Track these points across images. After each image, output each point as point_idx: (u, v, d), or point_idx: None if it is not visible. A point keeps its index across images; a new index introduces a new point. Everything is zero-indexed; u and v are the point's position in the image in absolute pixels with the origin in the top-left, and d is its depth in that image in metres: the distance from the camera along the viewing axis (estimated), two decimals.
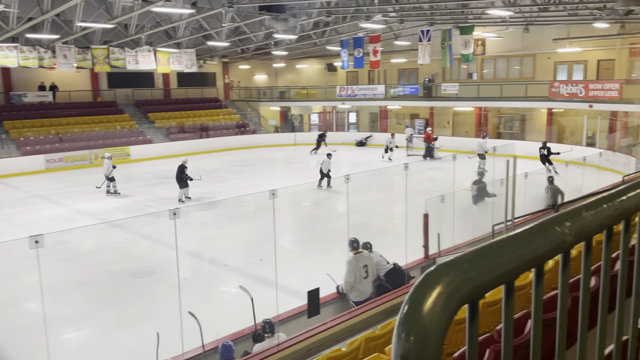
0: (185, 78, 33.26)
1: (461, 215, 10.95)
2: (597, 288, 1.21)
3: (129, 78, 31.02)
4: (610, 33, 23.02)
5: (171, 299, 7.21)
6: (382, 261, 8.65)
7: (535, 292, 0.93)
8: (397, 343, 0.67)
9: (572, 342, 1.19)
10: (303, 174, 21.66)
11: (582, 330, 1.05)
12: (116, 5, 16.97)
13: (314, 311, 7.24)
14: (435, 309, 0.67)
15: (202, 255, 12.00)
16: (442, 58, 23.15)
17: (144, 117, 30.88)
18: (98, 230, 13.88)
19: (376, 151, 26.18)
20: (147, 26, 21.67)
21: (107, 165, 18.08)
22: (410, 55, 29.90)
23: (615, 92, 21.74)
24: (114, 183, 18.00)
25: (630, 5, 12.41)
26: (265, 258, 9.20)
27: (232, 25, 21.01)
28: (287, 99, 35.17)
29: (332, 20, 22.44)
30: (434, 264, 0.77)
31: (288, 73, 38.37)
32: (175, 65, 25.94)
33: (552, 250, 0.87)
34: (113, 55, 23.64)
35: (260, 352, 6.22)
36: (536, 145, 24.27)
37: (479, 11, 20.39)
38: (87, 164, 24.69)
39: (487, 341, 3.23)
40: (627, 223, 1.11)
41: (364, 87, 31.98)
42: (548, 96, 24.26)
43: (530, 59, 27.43)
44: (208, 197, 17.12)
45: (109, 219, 14.37)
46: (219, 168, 23.29)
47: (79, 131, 27.23)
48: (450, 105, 29.06)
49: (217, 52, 30.09)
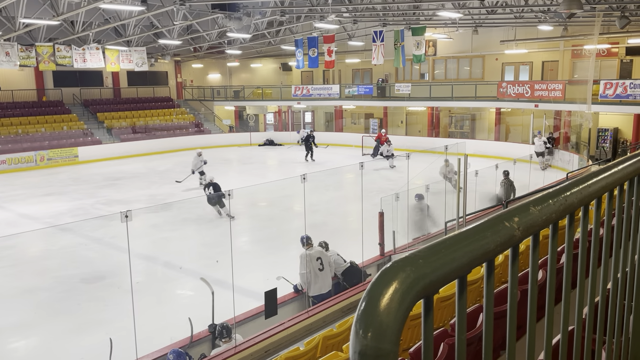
0: (136, 77, 32.41)
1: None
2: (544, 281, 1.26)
3: (76, 77, 29.98)
4: (554, 35, 24.01)
5: (124, 304, 7.02)
6: (339, 260, 8.73)
7: (487, 286, 0.96)
8: (355, 340, 0.67)
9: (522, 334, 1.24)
10: (259, 174, 21.52)
11: (531, 322, 1.08)
12: (62, 2, 16.36)
13: (271, 312, 7.22)
14: (391, 304, 0.68)
15: (156, 258, 11.72)
16: (395, 58, 23.51)
17: (92, 117, 29.88)
18: (45, 235, 13.33)
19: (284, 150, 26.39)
20: (95, 23, 20.99)
21: (196, 161, 18.16)
22: (364, 56, 30.23)
23: (559, 92, 22.67)
24: (204, 177, 17.41)
25: (572, 9, 12.98)
26: (222, 260, 9.09)
27: (184, 23, 20.64)
28: (242, 98, 34.84)
29: (286, 19, 22.40)
30: (389, 261, 0.78)
31: (242, 72, 38.01)
32: (125, 64, 25.25)
33: (501, 245, 0.90)
34: (59, 53, 22.78)
35: (217, 355, 6.15)
36: (486, 143, 25.06)
37: (430, 13, 20.85)
38: (33, 166, 23.68)
39: (442, 335, 3.31)
40: (571, 218, 1.16)
41: (319, 87, 32.08)
42: (496, 96, 25.05)
43: (479, 60, 28.24)
44: (162, 199, 16.75)
45: (56, 222, 13.83)
46: (172, 169, 22.81)
47: (23, 132, 26.07)
48: (403, 105, 29.55)
49: (169, 51, 29.48)
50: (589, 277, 1.36)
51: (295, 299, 8.34)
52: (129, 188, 18.90)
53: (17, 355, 7.79)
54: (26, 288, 9.96)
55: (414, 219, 11.21)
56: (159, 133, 29.85)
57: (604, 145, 22.66)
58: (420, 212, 11.32)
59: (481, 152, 21.66)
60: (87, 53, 23.44)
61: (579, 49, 24.30)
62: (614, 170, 1.31)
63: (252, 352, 6.36)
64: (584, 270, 1.29)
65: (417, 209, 11.31)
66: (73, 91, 30.46)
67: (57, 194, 17.37)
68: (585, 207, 1.24)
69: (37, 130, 26.56)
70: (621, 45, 23.24)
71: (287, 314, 7.67)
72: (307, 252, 8.09)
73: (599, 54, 22.78)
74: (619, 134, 22.87)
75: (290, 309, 8.07)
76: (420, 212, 11.34)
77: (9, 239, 11.63)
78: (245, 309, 7.67)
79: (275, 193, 17.35)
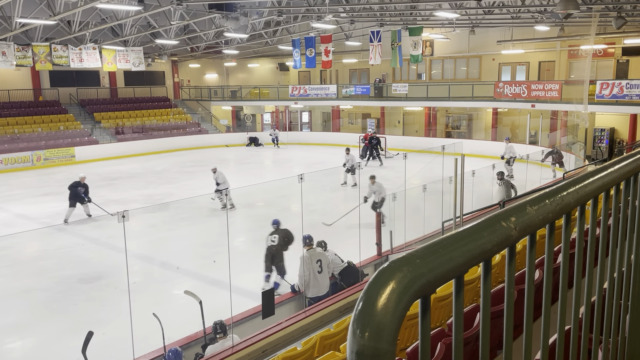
0: (133, 77, 32.34)
1: (412, 213, 11.16)
2: (541, 280, 1.26)
3: (73, 77, 29.92)
4: (550, 36, 24.06)
5: (121, 304, 7.01)
6: (336, 260, 8.74)
7: (484, 286, 0.96)
8: (352, 339, 0.67)
9: (519, 333, 1.24)
10: (256, 174, 21.50)
11: (528, 321, 1.09)
12: (58, 1, 16.31)
13: (268, 312, 7.22)
14: (389, 304, 0.68)
15: (153, 258, 11.71)
16: (392, 59, 23.53)
17: (89, 117, 29.81)
18: (42, 235, 13.29)
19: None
20: (91, 23, 20.93)
21: (351, 159, 18.56)
22: (361, 56, 30.23)
23: (556, 92, 22.73)
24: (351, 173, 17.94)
25: (569, 9, 13.00)
26: (219, 260, 9.08)
27: (181, 23, 20.60)
28: (239, 98, 34.82)
29: (283, 19, 22.38)
30: (386, 261, 0.78)
31: (240, 72, 37.98)
32: (122, 64, 25.19)
33: (498, 244, 0.90)
34: (56, 52, 22.71)
35: (213, 355, 6.14)
36: (482, 143, 25.09)
37: (427, 13, 20.87)
38: (29, 166, 23.62)
39: (439, 335, 3.31)
40: (567, 218, 1.17)
41: (316, 87, 32.08)
42: (493, 96, 25.09)
43: (476, 60, 28.29)
44: (159, 199, 16.72)
45: (53, 223, 13.79)
46: (169, 169, 22.79)
47: (19, 132, 25.99)
48: (400, 105, 29.57)
49: (166, 51, 29.44)
50: (585, 276, 1.36)
51: (293, 299, 8.34)
52: (125, 188, 18.87)
53: (14, 355, 7.77)
54: (23, 288, 9.93)
55: (501, 194, 12.92)
56: (156, 133, 29.81)
57: (601, 145, 22.72)
58: (505, 188, 13.12)
59: (478, 152, 21.70)
60: (83, 53, 23.39)
61: (576, 49, 24.36)
62: (611, 170, 1.31)
63: (250, 352, 6.36)
64: (581, 270, 1.29)
65: (502, 186, 13.13)
66: (70, 91, 30.38)
67: (53, 194, 17.32)
68: (582, 207, 1.24)
69: (33, 130, 26.49)
70: (617, 46, 23.31)
71: (285, 314, 7.67)
72: (308, 253, 8.08)
73: (596, 54, 22.84)
74: (616, 134, 22.95)
75: (287, 309, 8.08)
76: (505, 188, 13.14)
77: (6, 239, 11.60)
78: (243, 309, 7.67)
79: (272, 193, 17.34)
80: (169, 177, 20.79)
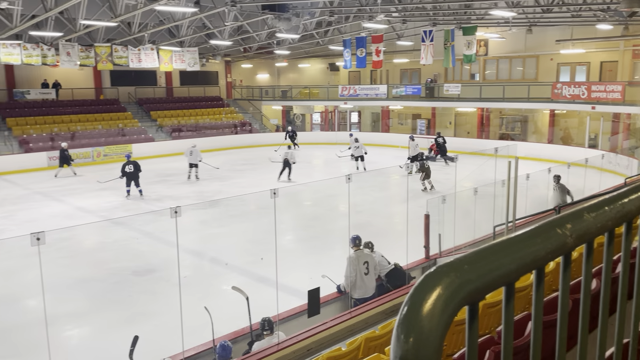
0: (188, 76, 33.28)
1: (462, 216, 10.94)
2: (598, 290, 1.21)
3: (132, 76, 31.06)
4: (613, 35, 22.97)
5: (172, 297, 7.21)
6: (383, 261, 8.67)
7: (536, 294, 0.93)
8: (396, 344, 0.66)
9: (573, 345, 1.19)
10: (305, 174, 21.65)
11: (583, 333, 1.04)
12: (119, 3, 16.99)
13: (314, 311, 7.24)
14: (434, 310, 0.67)
15: (203, 253, 12.00)
16: (444, 59, 23.13)
17: (146, 116, 30.91)
18: (100, 228, 13.89)
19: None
20: (150, 24, 21.70)
21: (414, 147, 19.89)
22: (412, 56, 29.89)
23: (618, 94, 21.70)
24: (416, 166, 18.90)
25: (634, 7, 12.38)
26: (266, 257, 9.20)
27: (234, 24, 21.01)
28: (289, 98, 35.17)
29: (334, 20, 22.43)
30: (434, 265, 0.76)
31: (290, 72, 38.36)
32: (178, 64, 25.96)
33: (553, 252, 0.87)
34: (116, 53, 23.67)
35: (259, 351, 6.22)
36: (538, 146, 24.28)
37: (482, 12, 20.37)
38: (90, 162, 24.71)
39: (488, 342, 3.23)
40: (628, 225, 1.11)
41: (366, 87, 31.96)
42: (550, 97, 24.22)
43: (532, 60, 27.39)
44: (209, 196, 17.13)
45: (110, 216, 14.38)
46: (220, 167, 23.29)
47: (81, 129, 27.28)
48: (452, 105, 29.04)
49: (220, 51, 30.09)
50: None
51: (338, 299, 8.33)
52: (178, 184, 19.44)
53: (72, 343, 8.14)
54: (81, 278, 10.40)
55: (556, 199, 12.56)
56: (208, 131, 30.55)
57: None
58: (560, 193, 12.70)
59: (534, 155, 21.01)
60: (142, 53, 24.25)
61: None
62: None
63: (295, 350, 6.40)
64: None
65: (557, 190, 12.72)
66: (128, 90, 31.61)
67: (111, 188, 18.06)
68: None
69: (94, 128, 27.74)
70: None
71: (329, 314, 7.67)
72: (355, 254, 8.04)
73: None
74: None
75: (332, 309, 8.08)
76: (561, 192, 12.71)
77: (66, 230, 12.17)
78: (288, 307, 7.73)
79: (320, 193, 17.42)
80: (219, 174, 21.25)
